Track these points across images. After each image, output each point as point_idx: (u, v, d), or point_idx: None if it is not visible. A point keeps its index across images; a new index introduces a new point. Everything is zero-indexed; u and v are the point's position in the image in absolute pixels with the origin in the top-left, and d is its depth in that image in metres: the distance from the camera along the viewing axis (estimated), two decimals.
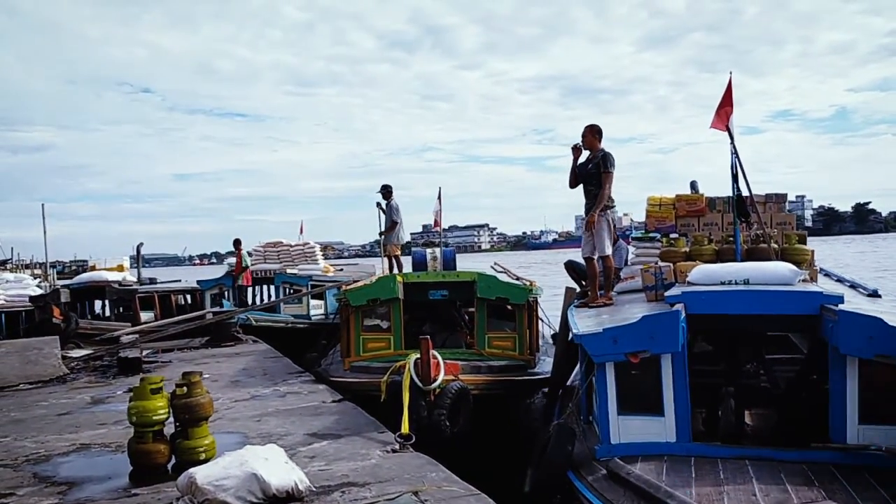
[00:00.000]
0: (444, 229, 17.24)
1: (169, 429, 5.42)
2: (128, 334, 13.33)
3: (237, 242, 17.12)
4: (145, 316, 16.10)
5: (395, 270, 17.26)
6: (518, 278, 11.03)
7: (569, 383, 8.82)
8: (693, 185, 10.22)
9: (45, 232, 30.78)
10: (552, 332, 11.35)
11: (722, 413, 5.74)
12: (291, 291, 16.96)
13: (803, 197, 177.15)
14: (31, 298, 14.57)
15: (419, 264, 17.27)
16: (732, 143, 7.56)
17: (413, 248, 17.65)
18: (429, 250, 17.48)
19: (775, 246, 7.82)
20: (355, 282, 13.79)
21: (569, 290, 9.24)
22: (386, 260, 16.37)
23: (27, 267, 47.47)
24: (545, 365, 9.35)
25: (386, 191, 13.87)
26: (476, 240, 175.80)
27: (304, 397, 7.95)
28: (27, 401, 8.43)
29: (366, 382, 7.83)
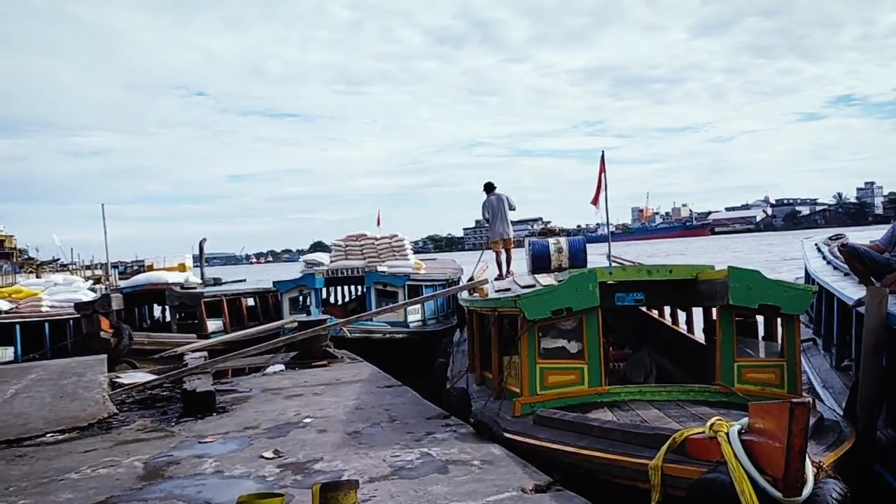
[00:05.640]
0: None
1: None
2: (194, 351, 10.55)
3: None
4: (213, 325, 13.34)
5: (504, 268, 14.23)
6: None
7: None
8: None
9: (105, 233, 29.19)
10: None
11: None
12: (385, 293, 14.04)
13: (872, 183, 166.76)
14: (77, 306, 11.94)
15: (540, 258, 14.13)
16: None
17: (530, 240, 14.50)
18: (551, 240, 14.21)
19: None
20: (480, 283, 10.59)
21: (874, 289, 5.95)
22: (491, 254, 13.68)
23: (87, 268, 46.40)
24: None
25: (486, 186, 13.01)
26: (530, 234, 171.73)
27: (479, 474, 4.83)
28: (50, 469, 5.54)
29: (602, 459, 4.55)
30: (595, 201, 9.66)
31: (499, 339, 7.24)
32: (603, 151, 9.43)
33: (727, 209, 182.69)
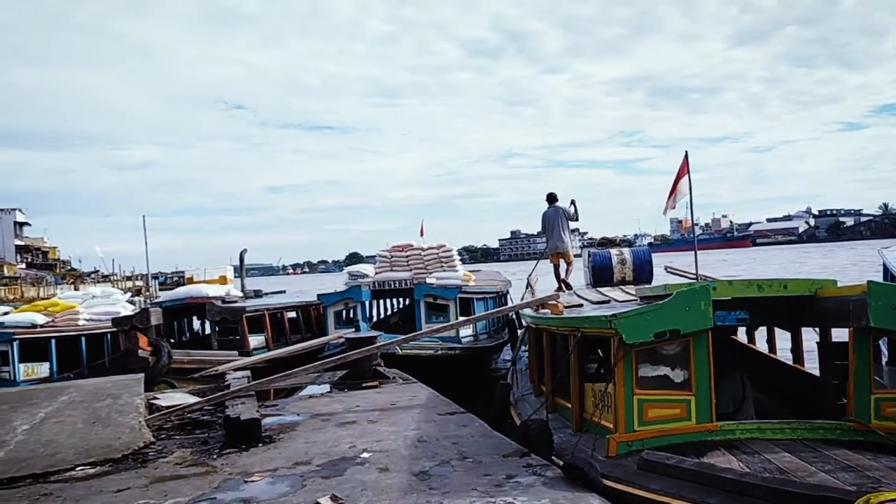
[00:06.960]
0: (534, 234, 13.73)
1: None
2: (237, 370, 9.86)
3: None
4: (254, 340, 12.69)
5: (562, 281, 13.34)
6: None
7: None
8: None
9: (146, 244, 29.18)
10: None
11: None
12: (435, 306, 13.26)
13: None
14: (114, 321, 11.39)
15: (601, 270, 13.16)
16: None
17: (590, 251, 13.58)
18: (613, 251, 13.25)
19: None
20: (550, 297, 9.75)
21: None
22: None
23: (128, 279, 46.69)
24: None
25: (547, 197, 12.83)
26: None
27: None
28: None
29: None
30: (672, 199, 8.74)
31: (580, 364, 6.38)
32: (686, 151, 8.42)
33: (768, 220, 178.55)
